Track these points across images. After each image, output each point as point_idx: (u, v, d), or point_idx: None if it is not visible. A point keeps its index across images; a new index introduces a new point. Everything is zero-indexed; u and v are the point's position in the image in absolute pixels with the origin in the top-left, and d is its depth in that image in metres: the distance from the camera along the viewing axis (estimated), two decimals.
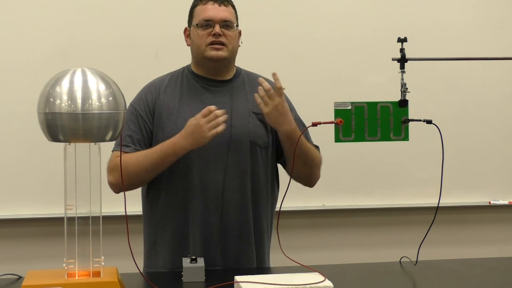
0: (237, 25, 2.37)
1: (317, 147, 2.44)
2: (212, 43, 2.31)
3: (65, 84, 1.68)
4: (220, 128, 2.20)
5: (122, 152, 2.26)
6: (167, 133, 2.31)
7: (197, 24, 2.34)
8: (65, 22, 3.42)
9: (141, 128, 2.33)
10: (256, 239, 2.37)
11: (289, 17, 3.63)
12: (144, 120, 2.34)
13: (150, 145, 2.33)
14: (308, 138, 2.41)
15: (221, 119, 2.20)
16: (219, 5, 2.34)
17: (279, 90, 2.22)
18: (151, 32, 3.48)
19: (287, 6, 3.63)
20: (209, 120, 2.19)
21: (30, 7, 3.40)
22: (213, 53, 2.32)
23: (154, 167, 2.25)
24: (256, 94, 2.24)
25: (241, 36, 2.40)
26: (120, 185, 2.23)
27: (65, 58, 3.36)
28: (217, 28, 2.31)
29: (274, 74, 2.23)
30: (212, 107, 2.21)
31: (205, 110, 2.20)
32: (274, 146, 2.41)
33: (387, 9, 3.73)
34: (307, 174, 2.40)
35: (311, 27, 3.66)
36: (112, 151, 2.29)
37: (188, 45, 2.42)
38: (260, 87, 2.22)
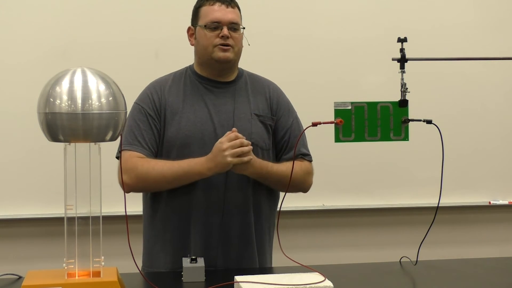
0: (243, 27, 2.37)
1: (308, 155, 2.42)
2: (219, 45, 2.31)
3: (65, 84, 1.68)
4: (246, 159, 2.18)
5: (140, 155, 2.27)
6: (171, 133, 2.31)
7: (205, 26, 2.32)
8: (65, 22, 3.42)
9: (151, 127, 2.32)
10: (257, 240, 2.37)
11: (290, 17, 3.63)
12: (153, 118, 2.33)
13: (159, 143, 2.33)
14: (303, 142, 2.41)
15: (246, 149, 2.18)
16: (227, 7, 2.33)
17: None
18: (151, 32, 3.48)
19: (287, 7, 3.63)
20: (234, 146, 2.17)
21: (30, 7, 3.40)
22: (220, 54, 2.32)
23: (177, 179, 2.25)
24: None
25: (243, 36, 2.39)
26: (134, 187, 2.26)
27: (65, 58, 3.36)
28: (225, 30, 2.30)
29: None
30: (239, 135, 2.19)
31: (232, 135, 2.18)
32: (273, 148, 2.41)
33: (387, 9, 3.72)
34: (296, 190, 2.39)
35: (312, 27, 3.66)
36: (122, 151, 2.25)
37: (192, 45, 2.41)
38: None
